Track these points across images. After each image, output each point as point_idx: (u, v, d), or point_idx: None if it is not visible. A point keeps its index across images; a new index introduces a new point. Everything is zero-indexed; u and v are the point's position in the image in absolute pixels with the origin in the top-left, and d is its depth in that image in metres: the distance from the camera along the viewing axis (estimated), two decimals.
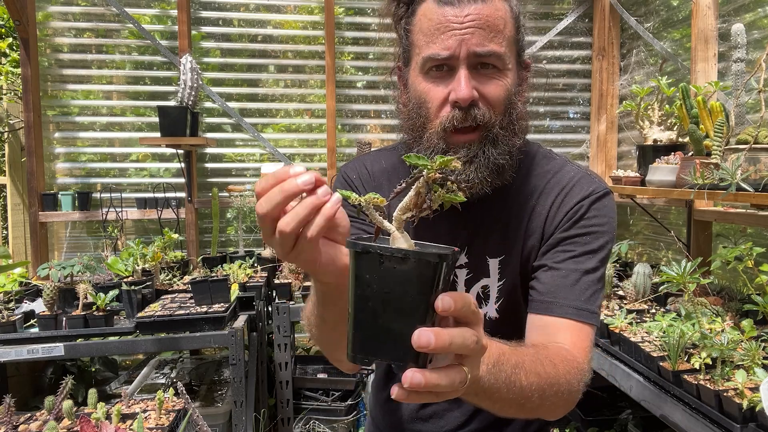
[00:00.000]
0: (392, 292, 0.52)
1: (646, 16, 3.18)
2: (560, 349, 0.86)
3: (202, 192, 3.38)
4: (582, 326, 0.89)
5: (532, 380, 0.73)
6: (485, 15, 0.86)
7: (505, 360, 0.70)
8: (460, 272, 1.02)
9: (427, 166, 0.56)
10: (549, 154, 1.03)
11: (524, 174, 0.99)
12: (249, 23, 3.42)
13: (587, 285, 0.91)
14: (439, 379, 0.52)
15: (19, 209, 3.75)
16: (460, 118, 0.88)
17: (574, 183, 0.97)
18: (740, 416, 1.33)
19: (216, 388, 2.85)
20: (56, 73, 3.26)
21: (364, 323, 0.53)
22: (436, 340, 0.50)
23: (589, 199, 0.95)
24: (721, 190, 1.64)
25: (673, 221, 2.95)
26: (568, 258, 0.93)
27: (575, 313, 0.89)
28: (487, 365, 0.66)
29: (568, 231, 0.94)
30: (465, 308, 0.54)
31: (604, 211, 0.95)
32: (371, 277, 0.52)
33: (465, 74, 0.86)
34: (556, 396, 0.78)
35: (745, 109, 1.92)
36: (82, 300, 2.27)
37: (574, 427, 2.56)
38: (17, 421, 1.73)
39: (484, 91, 0.88)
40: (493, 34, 0.86)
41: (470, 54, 0.86)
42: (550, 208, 0.96)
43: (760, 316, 1.75)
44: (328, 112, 3.42)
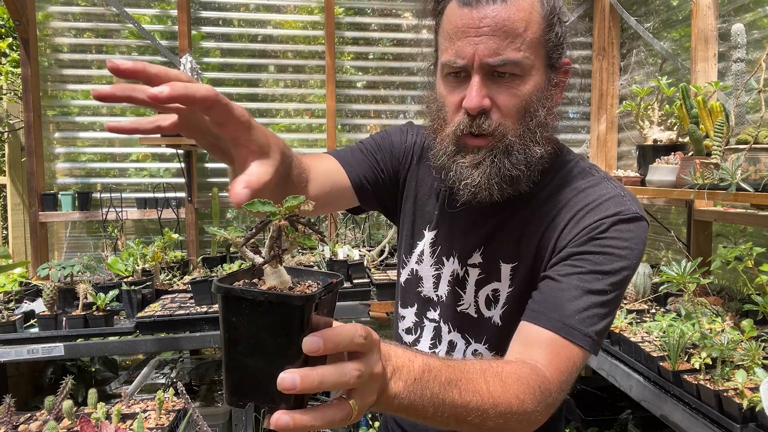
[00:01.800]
0: (258, 334, 0.51)
1: (646, 16, 3.18)
2: (522, 366, 0.79)
3: (202, 192, 3.38)
4: (567, 344, 0.82)
5: (468, 399, 0.69)
6: (503, 18, 0.81)
7: (432, 377, 0.65)
8: (473, 271, 1.00)
9: (274, 213, 0.54)
10: (588, 169, 0.97)
11: (555, 185, 0.95)
12: (249, 23, 3.42)
13: (588, 305, 0.84)
14: (312, 419, 0.51)
15: (19, 209, 3.75)
16: (468, 124, 0.87)
17: (602, 201, 0.90)
18: (740, 416, 1.33)
19: (216, 388, 2.85)
20: (56, 73, 3.26)
21: (235, 367, 0.52)
22: (302, 381, 0.49)
23: (612, 218, 0.88)
24: (721, 190, 1.64)
25: (673, 221, 2.95)
26: (574, 273, 0.87)
27: (562, 328, 0.83)
28: (406, 382, 0.62)
29: (582, 246, 0.88)
30: (343, 343, 0.52)
31: (627, 234, 0.87)
32: (237, 320, 0.51)
33: (477, 83, 0.84)
34: (503, 417, 0.72)
35: (745, 109, 1.92)
36: (82, 300, 2.27)
37: (574, 427, 2.56)
38: (17, 421, 1.73)
39: (497, 100, 0.86)
40: (510, 40, 0.82)
41: (483, 64, 0.83)
42: (569, 221, 0.91)
43: (760, 316, 1.75)
44: (328, 112, 3.42)
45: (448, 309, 1.04)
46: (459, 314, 1.03)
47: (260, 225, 0.56)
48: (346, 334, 0.52)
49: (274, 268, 0.55)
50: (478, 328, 1.02)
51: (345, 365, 0.53)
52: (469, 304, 1.02)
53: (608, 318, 0.87)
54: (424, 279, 1.07)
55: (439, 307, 1.06)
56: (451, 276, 1.03)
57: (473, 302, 1.02)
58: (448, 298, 1.04)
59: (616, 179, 0.96)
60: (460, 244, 1.01)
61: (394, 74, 3.53)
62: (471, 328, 1.02)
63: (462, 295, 1.03)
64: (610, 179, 0.95)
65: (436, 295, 1.06)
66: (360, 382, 0.54)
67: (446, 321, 1.05)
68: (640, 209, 0.91)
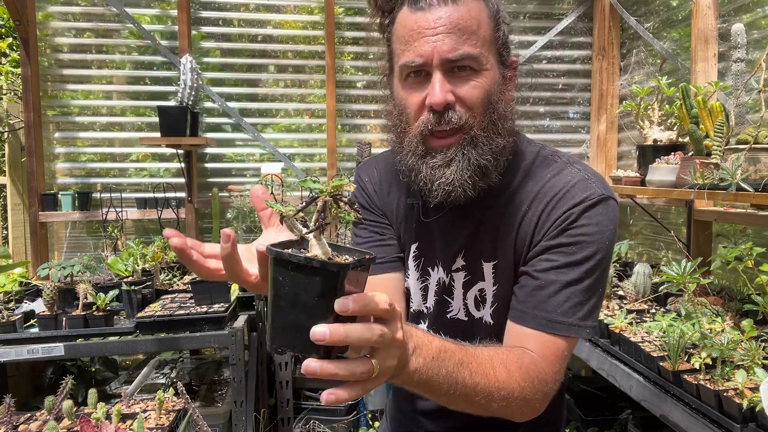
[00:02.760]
0: (299, 293, 0.59)
1: (646, 16, 3.18)
2: (523, 355, 0.86)
3: (202, 192, 3.38)
4: (553, 338, 0.88)
5: (477, 380, 0.76)
6: (456, 18, 0.85)
7: (447, 357, 0.73)
8: (458, 275, 1.02)
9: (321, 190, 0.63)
10: (550, 156, 0.99)
11: (522, 178, 0.97)
12: (249, 23, 3.42)
13: (567, 297, 0.89)
14: (336, 368, 0.58)
15: (19, 209, 3.75)
16: (435, 121, 0.88)
17: (569, 189, 0.92)
18: (740, 416, 1.33)
19: (216, 388, 2.85)
20: (56, 73, 3.26)
21: (278, 319, 0.61)
22: (331, 334, 0.56)
23: (581, 206, 0.90)
24: (721, 190, 1.64)
25: (673, 221, 2.95)
26: (549, 268, 0.90)
27: (547, 325, 0.88)
28: (425, 358, 0.70)
29: (554, 239, 0.91)
30: (369, 306, 0.59)
31: (596, 219, 0.90)
32: (283, 279, 0.59)
33: (439, 79, 0.87)
34: (506, 401, 0.79)
35: (745, 109, 1.92)
36: (82, 300, 2.27)
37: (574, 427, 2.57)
38: (17, 421, 1.73)
39: (460, 94, 0.88)
40: (466, 37, 0.86)
41: (443, 60, 0.86)
42: (540, 214, 0.93)
43: (760, 316, 1.75)
44: (328, 112, 3.42)
45: (437, 319, 1.05)
46: (449, 321, 1.04)
47: (310, 200, 0.65)
48: (373, 299, 0.59)
49: (317, 239, 0.64)
50: (470, 331, 1.02)
51: (370, 325, 0.59)
52: (458, 308, 1.03)
53: (591, 301, 0.90)
54: (413, 294, 1.08)
55: (428, 318, 1.07)
56: (437, 285, 1.04)
57: (462, 306, 1.03)
58: (435, 307, 1.05)
59: (579, 161, 0.99)
60: (442, 252, 1.03)
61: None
62: (462, 332, 1.02)
63: (450, 302, 1.04)
64: (573, 163, 0.98)
65: (425, 307, 1.07)
66: (382, 342, 0.60)
67: (437, 331, 1.05)
68: (607, 189, 0.93)
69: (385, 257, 1.06)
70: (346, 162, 3.51)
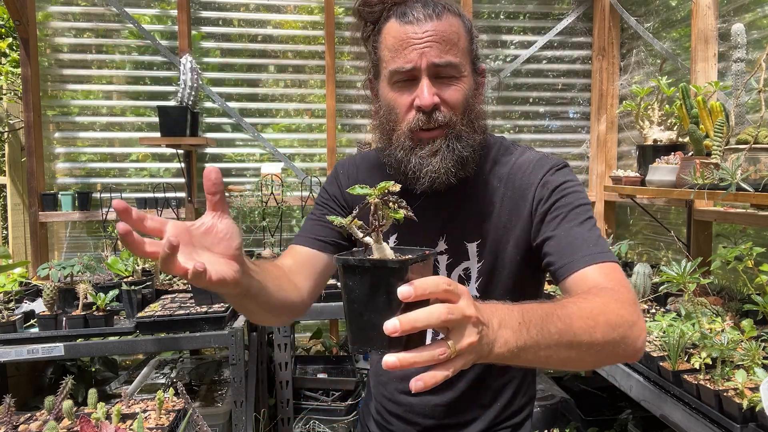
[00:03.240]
0: (367, 294, 0.64)
1: (646, 16, 3.18)
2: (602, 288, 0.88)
3: (202, 192, 3.37)
4: (606, 264, 0.94)
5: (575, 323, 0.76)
6: (441, 31, 0.98)
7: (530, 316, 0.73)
8: (441, 258, 1.11)
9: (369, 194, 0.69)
10: (511, 145, 1.15)
11: (490, 164, 1.11)
12: (249, 23, 3.42)
13: (587, 234, 0.98)
14: (413, 357, 0.61)
15: (19, 209, 3.75)
16: (424, 120, 1.00)
17: (534, 164, 1.08)
18: (740, 416, 1.33)
19: (216, 388, 2.85)
20: (56, 73, 3.26)
21: (353, 321, 0.65)
22: (402, 324, 0.59)
23: (551, 171, 1.06)
24: (721, 190, 1.64)
25: (673, 221, 2.95)
26: (559, 222, 1.01)
27: (594, 257, 0.95)
28: (512, 329, 0.70)
29: (547, 201, 1.03)
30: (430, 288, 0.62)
31: (569, 176, 1.07)
32: (353, 283, 0.64)
33: (427, 83, 0.99)
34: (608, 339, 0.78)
35: (745, 109, 1.92)
36: (82, 300, 2.26)
37: (574, 427, 2.57)
38: (17, 421, 1.73)
39: (444, 96, 1.01)
40: (449, 47, 0.99)
41: (430, 65, 0.98)
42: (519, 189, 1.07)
43: (760, 316, 1.75)
44: (328, 112, 3.42)
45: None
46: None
47: (362, 206, 0.71)
48: (432, 281, 0.62)
49: (378, 243, 0.69)
50: None
51: (434, 306, 0.62)
52: None
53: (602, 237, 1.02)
54: None
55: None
56: None
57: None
58: None
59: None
60: (423, 238, 1.11)
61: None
62: None
63: None
64: (530, 148, 1.15)
65: None
66: (452, 319, 0.62)
67: None
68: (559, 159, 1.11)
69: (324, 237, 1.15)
70: None
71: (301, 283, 1.08)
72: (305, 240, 1.15)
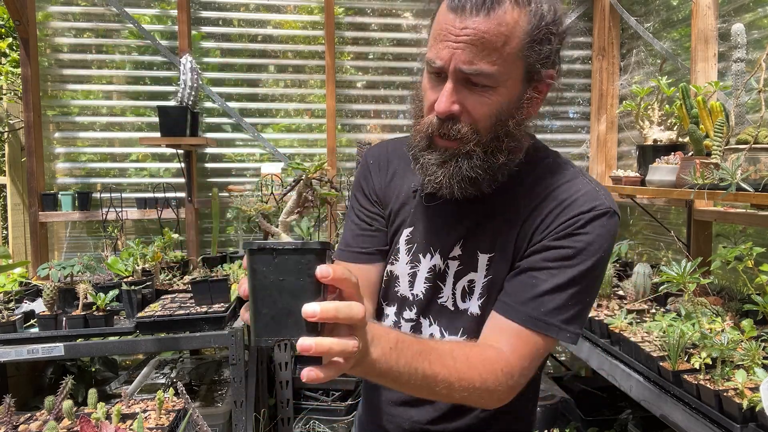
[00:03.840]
0: (286, 279, 0.63)
1: (646, 16, 3.18)
2: (489, 349, 0.89)
3: (202, 192, 3.38)
4: (531, 335, 0.90)
5: (437, 370, 0.79)
6: (482, 31, 0.83)
7: (405, 347, 0.76)
8: (453, 263, 1.03)
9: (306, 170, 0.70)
10: (563, 165, 1.01)
11: (533, 180, 0.99)
12: (249, 23, 3.42)
13: (555, 298, 0.91)
14: (330, 343, 0.61)
15: (19, 209, 3.75)
16: (437, 126, 0.91)
17: (578, 197, 0.94)
18: (740, 416, 1.33)
19: (216, 388, 2.85)
20: (56, 73, 3.26)
21: (264, 309, 0.63)
22: (322, 310, 0.60)
23: (588, 214, 0.92)
24: (721, 190, 1.64)
25: (673, 221, 2.95)
26: (544, 268, 0.92)
27: (528, 321, 0.90)
28: (383, 348, 0.73)
29: (556, 241, 0.93)
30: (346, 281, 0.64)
31: (599, 230, 0.92)
32: (267, 269, 0.63)
33: (450, 88, 0.87)
34: (467, 391, 0.83)
35: (745, 109, 1.92)
36: (82, 300, 2.26)
37: (574, 427, 2.57)
38: (17, 421, 1.73)
39: (468, 106, 0.89)
40: (486, 53, 0.84)
41: (457, 70, 0.86)
42: (546, 215, 0.95)
43: (760, 316, 1.75)
44: (328, 112, 3.42)
45: (427, 303, 1.06)
46: (438, 306, 1.06)
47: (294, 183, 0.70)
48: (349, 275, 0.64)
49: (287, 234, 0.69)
50: (455, 321, 1.04)
51: (355, 303, 0.64)
52: (448, 297, 1.05)
53: (578, 307, 0.92)
54: (400, 278, 1.09)
55: (416, 305, 1.07)
56: (430, 272, 1.05)
57: (451, 295, 1.04)
58: (426, 293, 1.06)
59: (590, 174, 1.03)
60: (441, 239, 1.04)
61: (394, 74, 3.53)
62: (448, 320, 1.05)
63: (442, 287, 1.05)
64: (585, 174, 1.00)
65: (411, 294, 1.08)
66: (363, 322, 0.65)
67: (426, 316, 1.06)
68: (614, 204, 0.95)
69: (368, 248, 1.10)
70: (346, 162, 3.51)
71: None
72: (351, 255, 1.10)
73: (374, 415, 1.17)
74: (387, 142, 1.17)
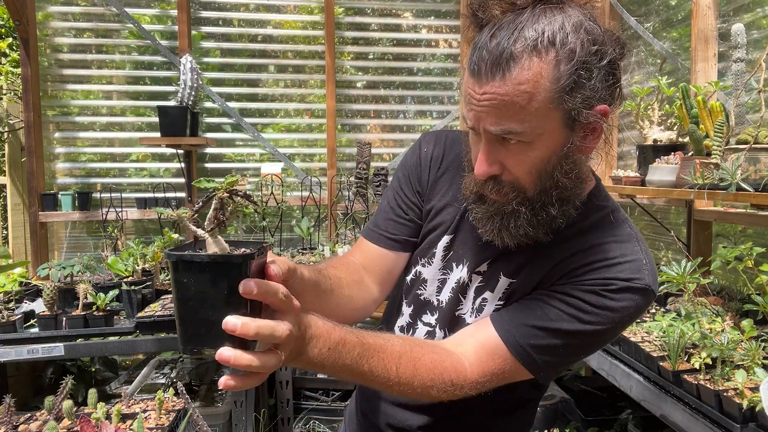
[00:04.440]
0: (206, 290, 0.61)
1: (646, 16, 3.18)
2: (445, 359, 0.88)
3: (202, 192, 3.38)
4: (507, 355, 0.89)
5: (377, 373, 0.81)
6: (501, 94, 0.77)
7: (346, 351, 0.77)
8: (476, 278, 1.00)
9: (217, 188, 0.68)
10: (621, 221, 0.95)
11: (583, 228, 0.93)
12: (249, 23, 3.42)
13: (550, 339, 0.88)
14: (250, 360, 0.62)
15: (19, 209, 3.75)
16: (480, 186, 0.89)
17: (622, 262, 0.88)
18: (740, 416, 1.33)
19: (216, 388, 2.85)
20: (56, 73, 3.26)
21: (188, 319, 0.62)
22: (242, 327, 0.60)
23: (624, 283, 0.87)
24: (721, 190, 1.64)
25: (673, 221, 2.95)
26: (557, 308, 0.89)
27: (513, 344, 0.89)
28: (321, 349, 0.74)
29: (581, 292, 0.88)
30: (271, 293, 0.63)
31: (628, 303, 0.87)
32: (188, 280, 0.61)
33: (484, 151, 0.84)
34: (404, 392, 0.85)
35: (745, 109, 1.92)
36: (82, 300, 2.26)
37: (574, 427, 2.56)
38: (17, 421, 1.73)
39: (507, 164, 0.85)
40: (512, 113, 0.78)
41: (486, 131, 0.82)
42: (583, 266, 0.90)
43: (760, 316, 1.75)
44: (328, 112, 3.42)
45: (447, 314, 1.04)
46: (455, 318, 1.04)
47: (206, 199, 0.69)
48: (274, 287, 0.64)
49: (214, 238, 0.67)
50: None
51: (280, 323, 0.64)
52: (468, 310, 1.03)
53: (566, 359, 0.93)
54: (428, 282, 1.06)
55: (438, 311, 1.05)
56: (456, 283, 1.03)
57: (471, 309, 1.02)
58: (449, 303, 1.04)
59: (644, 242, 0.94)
60: (474, 254, 1.01)
61: (394, 74, 3.53)
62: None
63: (462, 300, 1.03)
64: (638, 240, 0.93)
65: (437, 299, 1.06)
66: (288, 339, 0.65)
67: (443, 326, 1.05)
68: (655, 283, 0.90)
69: (396, 235, 1.08)
70: (346, 162, 3.51)
71: (370, 285, 1.05)
72: (376, 236, 1.08)
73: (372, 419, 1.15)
74: (446, 132, 1.11)
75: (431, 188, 1.07)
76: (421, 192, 1.08)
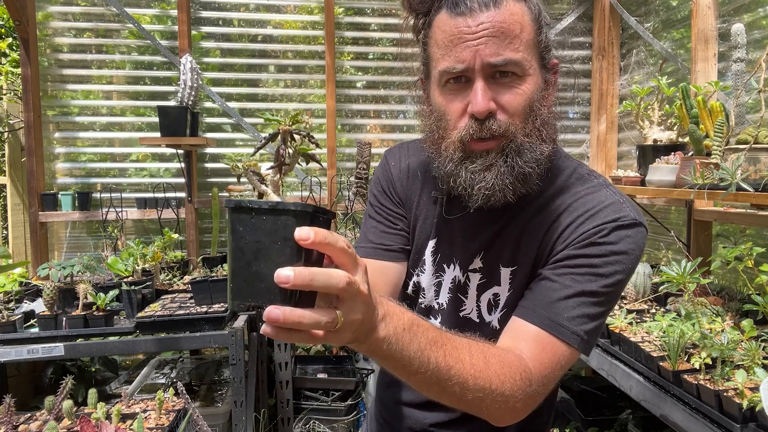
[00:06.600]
0: (262, 240, 0.57)
1: (646, 16, 3.18)
2: (508, 352, 0.82)
3: (202, 192, 3.38)
4: (553, 340, 0.85)
5: (451, 363, 0.72)
6: (499, 21, 0.82)
7: (420, 332, 0.70)
8: (474, 276, 1.01)
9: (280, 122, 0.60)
10: (587, 174, 0.98)
11: (554, 190, 0.96)
12: (249, 23, 3.42)
13: (578, 304, 0.86)
14: (300, 316, 0.54)
15: (19, 209, 3.75)
16: (477, 128, 0.86)
17: (602, 207, 0.91)
18: (740, 416, 1.33)
19: (216, 388, 2.85)
20: (56, 73, 3.26)
21: (240, 272, 0.58)
22: (296, 276, 0.53)
23: (612, 224, 0.88)
24: (721, 190, 1.64)
25: (673, 221, 2.95)
26: (568, 274, 0.88)
27: (551, 325, 0.85)
28: (396, 328, 0.66)
29: (580, 250, 0.89)
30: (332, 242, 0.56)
31: (626, 240, 0.88)
32: (244, 229, 0.57)
33: (481, 86, 0.85)
34: (482, 392, 0.75)
35: (745, 109, 1.92)
36: (82, 300, 2.26)
37: (574, 427, 2.56)
38: (17, 421, 1.73)
39: (502, 101, 0.86)
40: (509, 41, 0.83)
41: (485, 65, 0.83)
42: (568, 225, 0.91)
43: (760, 316, 1.75)
44: (328, 112, 3.42)
45: (450, 315, 1.04)
46: (461, 319, 1.04)
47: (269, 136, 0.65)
48: (335, 237, 0.57)
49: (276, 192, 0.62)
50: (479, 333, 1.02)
51: (336, 270, 0.57)
52: (472, 309, 1.03)
53: (599, 319, 0.89)
54: (425, 289, 1.07)
55: (440, 314, 1.06)
56: (452, 283, 1.03)
57: (475, 307, 1.02)
58: (449, 304, 1.04)
59: (614, 185, 0.97)
60: (461, 250, 1.01)
61: (394, 74, 3.52)
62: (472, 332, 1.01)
63: (464, 300, 1.03)
64: (608, 185, 0.96)
65: (437, 303, 1.06)
66: (348, 291, 0.57)
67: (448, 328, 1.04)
68: (639, 215, 0.91)
69: (392, 246, 1.06)
70: (346, 162, 3.51)
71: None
72: (372, 251, 1.06)
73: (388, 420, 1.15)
74: (407, 144, 1.14)
75: (407, 198, 1.09)
76: (401, 203, 1.09)
